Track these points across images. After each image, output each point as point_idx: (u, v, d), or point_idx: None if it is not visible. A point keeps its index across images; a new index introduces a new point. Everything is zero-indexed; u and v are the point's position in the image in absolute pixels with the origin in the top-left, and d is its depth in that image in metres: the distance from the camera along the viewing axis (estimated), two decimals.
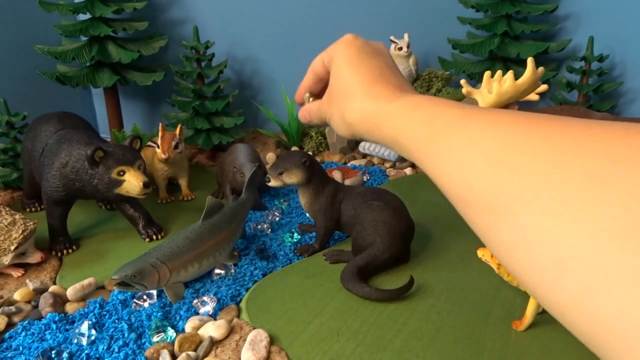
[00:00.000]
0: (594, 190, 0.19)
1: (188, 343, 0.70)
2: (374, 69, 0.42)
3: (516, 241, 0.21)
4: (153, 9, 1.49)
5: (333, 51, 0.46)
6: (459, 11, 1.40)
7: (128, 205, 1.00)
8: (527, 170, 0.22)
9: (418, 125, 0.33)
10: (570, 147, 0.21)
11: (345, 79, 0.42)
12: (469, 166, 0.26)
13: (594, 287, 0.17)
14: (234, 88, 1.54)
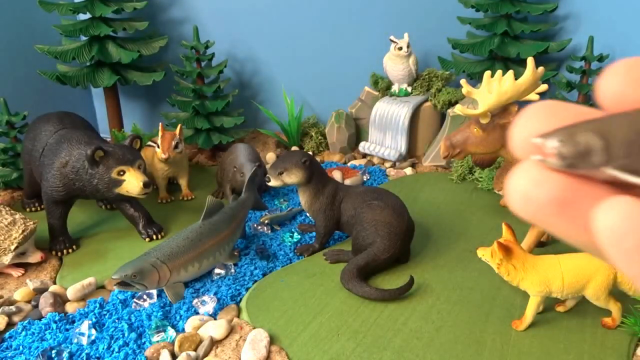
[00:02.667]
0: None
1: (188, 343, 0.70)
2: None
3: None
4: (153, 8, 1.49)
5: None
6: (459, 11, 1.40)
7: (128, 205, 1.00)
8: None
9: None
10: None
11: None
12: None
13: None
14: (234, 88, 1.54)
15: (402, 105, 1.37)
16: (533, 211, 0.15)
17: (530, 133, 0.16)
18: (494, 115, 0.85)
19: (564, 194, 0.15)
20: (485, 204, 1.16)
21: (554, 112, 0.16)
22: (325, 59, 1.51)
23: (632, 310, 0.74)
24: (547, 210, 0.15)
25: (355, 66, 1.50)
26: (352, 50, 1.50)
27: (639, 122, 0.14)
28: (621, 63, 0.15)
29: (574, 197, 0.15)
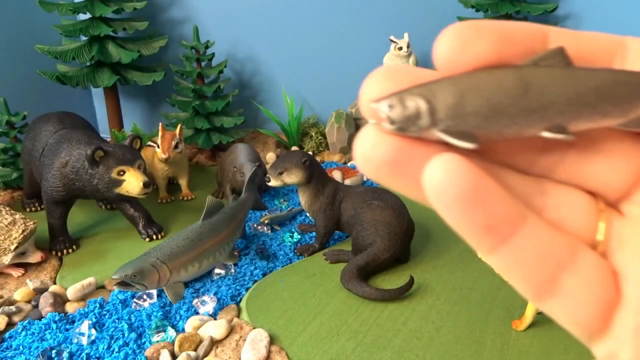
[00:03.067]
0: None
1: (188, 343, 0.70)
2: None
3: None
4: (153, 8, 1.49)
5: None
6: (459, 11, 1.40)
7: (128, 205, 1.00)
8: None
9: None
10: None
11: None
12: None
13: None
14: (234, 88, 1.54)
15: None
16: (372, 172, 0.16)
17: (370, 97, 0.16)
18: None
19: (397, 155, 0.15)
20: None
21: (394, 76, 0.16)
22: (325, 59, 1.51)
23: None
24: (384, 170, 0.16)
25: (355, 66, 1.50)
26: (352, 50, 1.50)
27: (462, 85, 0.15)
28: (451, 27, 0.16)
29: (408, 158, 0.15)
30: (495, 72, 0.15)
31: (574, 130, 0.15)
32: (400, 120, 0.15)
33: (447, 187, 0.14)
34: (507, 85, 0.15)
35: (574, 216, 0.17)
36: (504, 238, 0.15)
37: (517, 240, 0.15)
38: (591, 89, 0.15)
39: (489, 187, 0.15)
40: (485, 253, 0.16)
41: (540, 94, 0.15)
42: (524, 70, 0.15)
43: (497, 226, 0.15)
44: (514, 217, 0.15)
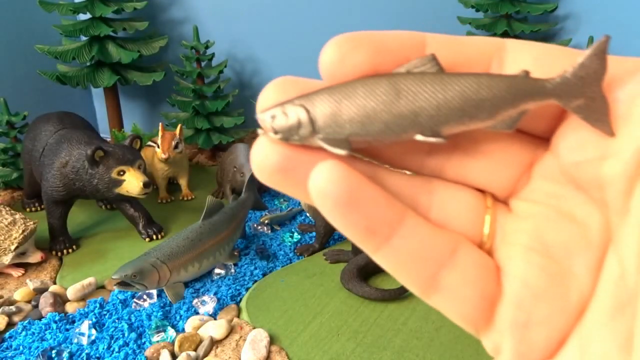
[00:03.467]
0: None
1: (188, 343, 0.70)
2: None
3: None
4: (153, 8, 1.49)
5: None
6: (459, 11, 1.40)
7: (128, 205, 1.00)
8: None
9: None
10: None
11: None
12: None
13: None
14: (234, 88, 1.54)
15: None
16: (266, 179, 0.17)
17: (261, 108, 0.17)
18: None
19: (286, 163, 0.16)
20: None
21: (284, 87, 0.18)
22: None
23: None
24: (275, 177, 0.16)
25: None
26: None
27: (338, 94, 0.16)
28: (332, 39, 0.17)
29: (296, 165, 0.16)
30: (369, 80, 0.16)
31: (446, 134, 0.16)
32: (283, 130, 0.16)
33: (328, 193, 0.15)
34: (379, 92, 0.16)
35: (461, 213, 0.17)
36: (385, 239, 0.16)
37: (397, 241, 0.16)
38: (458, 94, 0.16)
39: (367, 191, 0.16)
40: (371, 254, 0.16)
41: (411, 100, 0.16)
42: (396, 78, 0.16)
43: (377, 228, 0.16)
44: (392, 218, 0.16)
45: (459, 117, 0.16)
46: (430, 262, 0.16)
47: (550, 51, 0.17)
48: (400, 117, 0.16)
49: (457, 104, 0.16)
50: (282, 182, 0.17)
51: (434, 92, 0.16)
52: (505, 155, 0.17)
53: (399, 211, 0.16)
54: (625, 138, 0.14)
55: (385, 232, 0.16)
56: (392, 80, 0.16)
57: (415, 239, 0.16)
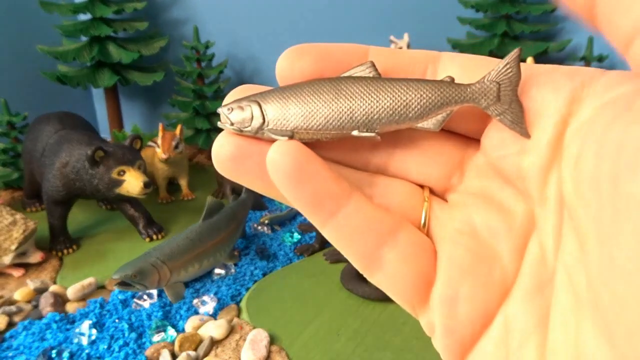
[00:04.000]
0: None
1: (188, 342, 0.70)
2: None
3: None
4: (153, 9, 1.49)
5: None
6: (459, 11, 1.40)
7: (128, 205, 1.01)
8: None
9: None
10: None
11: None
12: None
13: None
14: (234, 88, 1.54)
15: None
16: (220, 167, 0.19)
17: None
18: None
19: (238, 152, 0.18)
20: None
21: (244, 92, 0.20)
22: None
23: None
24: (228, 165, 0.18)
25: None
26: None
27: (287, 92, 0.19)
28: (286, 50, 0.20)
29: (247, 154, 0.18)
30: (314, 82, 0.19)
31: (380, 131, 0.18)
32: (238, 122, 0.19)
33: (280, 164, 0.17)
34: (322, 91, 0.18)
35: (400, 202, 0.19)
36: (331, 213, 0.17)
37: (342, 216, 0.17)
38: (389, 95, 0.18)
39: (316, 166, 0.17)
40: (319, 227, 0.18)
41: (349, 99, 0.18)
42: (338, 80, 0.19)
43: (324, 202, 0.17)
44: (339, 194, 0.17)
45: (390, 116, 0.18)
46: (372, 238, 0.18)
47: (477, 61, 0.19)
48: (338, 113, 0.18)
49: (388, 104, 0.18)
50: (234, 169, 0.18)
51: (368, 93, 0.18)
52: (440, 154, 0.19)
53: (346, 188, 0.18)
54: (539, 133, 0.16)
55: (332, 206, 0.17)
56: (334, 82, 0.19)
57: (360, 215, 0.18)
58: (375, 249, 0.18)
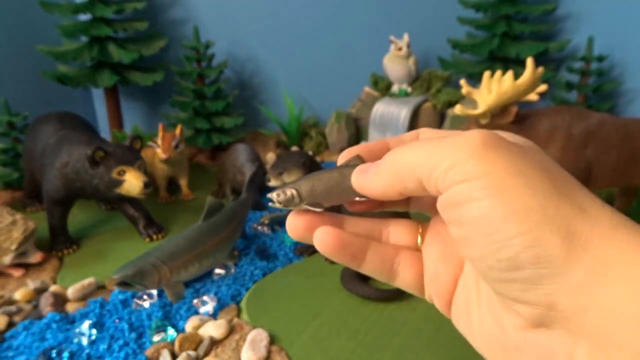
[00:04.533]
0: None
1: (188, 342, 0.70)
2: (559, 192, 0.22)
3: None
4: (153, 9, 1.49)
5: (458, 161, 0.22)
6: (459, 11, 1.41)
7: (128, 205, 1.01)
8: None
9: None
10: None
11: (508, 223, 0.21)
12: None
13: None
14: (234, 88, 1.54)
15: (402, 106, 1.37)
16: (295, 235, 0.29)
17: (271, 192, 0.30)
18: (494, 116, 0.85)
19: (309, 224, 0.29)
20: None
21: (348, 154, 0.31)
22: (325, 59, 1.52)
23: None
24: (303, 234, 0.29)
25: (355, 66, 1.51)
26: (352, 50, 1.50)
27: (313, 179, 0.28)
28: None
29: (313, 225, 0.29)
30: (328, 170, 0.29)
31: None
32: (283, 202, 0.28)
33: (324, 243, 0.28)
34: (333, 177, 0.28)
35: (405, 235, 0.31)
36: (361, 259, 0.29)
37: (368, 258, 0.29)
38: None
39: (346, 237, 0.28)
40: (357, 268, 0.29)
41: (348, 180, 0.28)
42: (341, 168, 0.28)
43: (356, 255, 0.29)
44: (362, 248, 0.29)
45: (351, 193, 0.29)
46: (388, 262, 0.30)
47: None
48: (345, 189, 0.28)
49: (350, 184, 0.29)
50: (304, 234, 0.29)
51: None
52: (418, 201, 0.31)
53: (365, 243, 0.29)
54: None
55: (361, 256, 0.29)
56: (339, 169, 0.28)
57: (377, 253, 0.29)
58: (391, 268, 0.30)
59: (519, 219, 0.20)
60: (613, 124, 0.87)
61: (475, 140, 0.22)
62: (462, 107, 0.86)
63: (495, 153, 0.21)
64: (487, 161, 0.21)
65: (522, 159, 0.22)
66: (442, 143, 0.23)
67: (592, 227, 0.20)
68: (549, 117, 0.87)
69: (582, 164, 0.85)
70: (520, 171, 0.21)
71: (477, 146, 0.22)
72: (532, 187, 0.20)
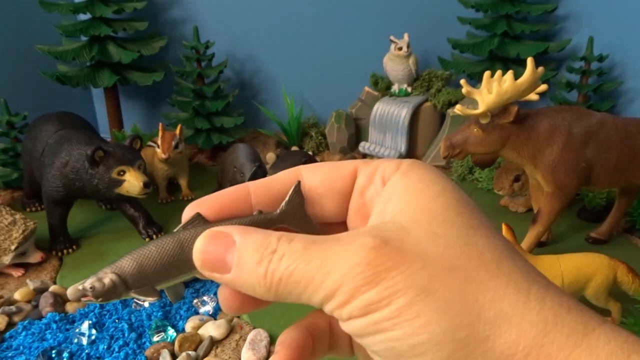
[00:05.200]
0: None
1: (188, 342, 0.70)
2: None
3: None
4: (153, 9, 1.49)
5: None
6: (459, 11, 1.40)
7: (128, 205, 1.00)
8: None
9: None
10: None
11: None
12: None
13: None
14: (234, 88, 1.54)
15: (402, 106, 1.37)
16: (230, 312, 0.22)
17: (72, 285, 0.21)
18: (494, 116, 0.85)
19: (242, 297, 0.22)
20: (485, 204, 1.16)
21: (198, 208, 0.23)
22: (325, 59, 1.52)
23: (631, 310, 0.74)
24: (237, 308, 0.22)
25: (355, 66, 1.50)
26: (352, 50, 1.50)
27: (139, 256, 0.21)
28: (190, 205, 0.22)
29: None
30: (158, 241, 0.21)
31: None
32: (103, 294, 0.20)
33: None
34: (169, 248, 0.21)
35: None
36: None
37: None
38: None
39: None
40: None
41: (190, 248, 0.21)
42: (178, 234, 0.21)
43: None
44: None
45: None
46: None
47: (330, 171, 0.23)
48: (187, 260, 0.21)
49: None
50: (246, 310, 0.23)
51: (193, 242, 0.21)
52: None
53: None
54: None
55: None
56: (175, 236, 0.21)
57: None
58: None
59: (432, 348, 0.17)
60: (613, 124, 0.87)
61: (364, 253, 0.18)
62: (462, 107, 0.86)
63: (392, 268, 0.18)
64: (385, 283, 0.18)
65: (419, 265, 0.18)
66: (328, 258, 0.18)
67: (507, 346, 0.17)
68: (549, 117, 0.86)
69: (582, 163, 0.85)
70: (423, 288, 0.18)
71: (368, 260, 0.18)
72: (439, 309, 0.17)
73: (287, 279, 0.19)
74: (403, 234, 0.19)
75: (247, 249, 0.19)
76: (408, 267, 0.18)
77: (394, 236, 0.19)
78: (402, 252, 0.18)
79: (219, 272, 0.20)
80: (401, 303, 0.17)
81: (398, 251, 0.18)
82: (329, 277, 0.18)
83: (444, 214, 0.20)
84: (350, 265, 0.18)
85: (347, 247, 0.18)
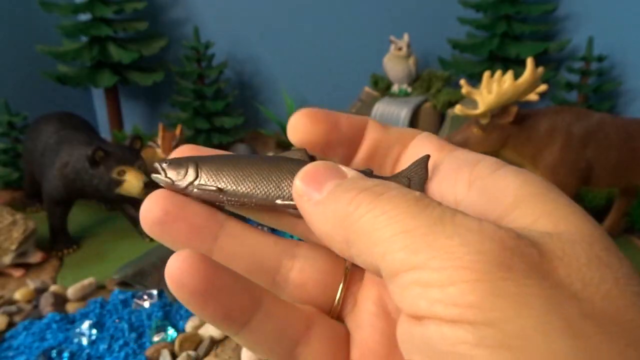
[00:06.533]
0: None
1: (188, 342, 0.70)
2: None
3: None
4: (153, 9, 1.49)
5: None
6: (459, 11, 1.40)
7: (128, 205, 1.01)
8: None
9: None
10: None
11: None
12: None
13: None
14: (234, 88, 1.54)
15: (402, 106, 1.37)
16: (148, 231, 0.19)
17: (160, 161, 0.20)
18: (494, 116, 0.85)
19: (165, 217, 0.19)
20: None
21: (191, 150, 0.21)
22: (325, 59, 1.52)
23: None
24: (155, 229, 0.19)
25: (355, 66, 1.51)
26: (352, 50, 1.50)
27: (224, 158, 0.20)
28: (301, 114, 0.20)
29: (174, 219, 0.19)
30: (253, 155, 0.21)
31: None
32: (172, 175, 0.19)
33: (184, 283, 0.16)
34: (256, 163, 0.20)
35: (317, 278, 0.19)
36: (241, 325, 0.17)
37: (254, 324, 0.17)
38: None
39: (223, 281, 0.16)
40: (232, 336, 0.17)
41: (278, 173, 0.20)
42: (273, 158, 0.21)
43: (233, 315, 0.17)
44: (248, 304, 0.17)
45: None
46: (287, 341, 0.18)
47: (440, 144, 0.20)
48: (267, 180, 0.20)
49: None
50: (160, 234, 0.19)
51: (292, 170, 0.19)
52: None
53: (255, 296, 0.17)
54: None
55: (242, 318, 0.17)
56: (270, 159, 0.20)
57: (271, 321, 0.17)
58: (291, 350, 0.18)
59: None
60: (613, 124, 0.87)
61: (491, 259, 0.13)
62: (462, 107, 0.86)
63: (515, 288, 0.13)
64: (498, 303, 0.12)
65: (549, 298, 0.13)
66: (435, 244, 0.13)
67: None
68: (549, 117, 0.86)
69: (582, 163, 0.85)
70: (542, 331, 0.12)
71: (492, 272, 0.13)
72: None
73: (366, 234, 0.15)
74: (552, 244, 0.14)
75: (354, 188, 0.16)
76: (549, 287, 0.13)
77: (542, 242, 0.14)
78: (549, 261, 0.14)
79: (315, 188, 0.17)
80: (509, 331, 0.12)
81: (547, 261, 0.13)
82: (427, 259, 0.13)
83: (605, 242, 0.15)
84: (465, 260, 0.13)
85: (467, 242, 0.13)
